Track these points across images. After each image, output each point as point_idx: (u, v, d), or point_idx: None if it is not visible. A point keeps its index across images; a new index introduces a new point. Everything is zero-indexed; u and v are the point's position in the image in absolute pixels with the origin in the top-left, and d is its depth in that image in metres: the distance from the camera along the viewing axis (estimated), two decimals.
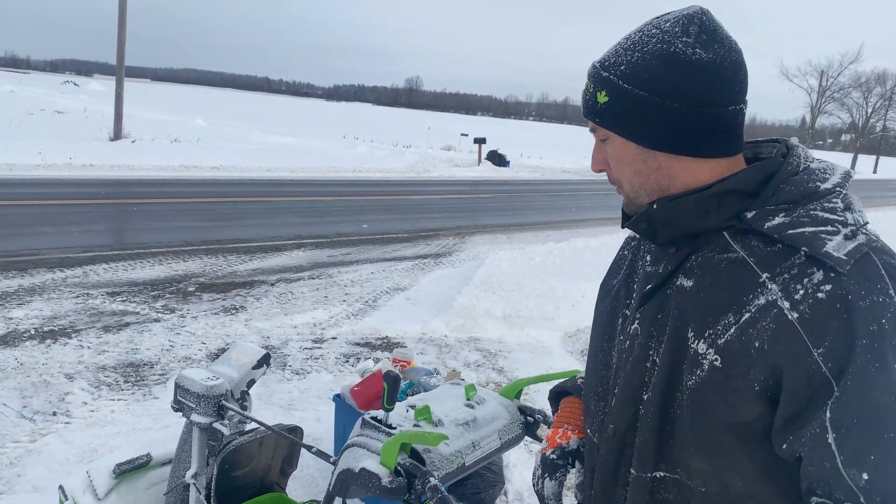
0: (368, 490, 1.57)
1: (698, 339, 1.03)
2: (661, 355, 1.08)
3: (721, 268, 1.04)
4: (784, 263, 0.98)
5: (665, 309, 1.10)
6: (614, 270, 1.31)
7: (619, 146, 1.10)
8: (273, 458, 2.51)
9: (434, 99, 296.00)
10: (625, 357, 1.15)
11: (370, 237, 10.26)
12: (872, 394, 0.90)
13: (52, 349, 4.92)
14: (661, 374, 1.08)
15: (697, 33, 1.03)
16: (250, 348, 2.45)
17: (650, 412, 1.09)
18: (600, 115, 1.09)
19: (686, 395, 1.04)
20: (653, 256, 1.17)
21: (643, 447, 1.11)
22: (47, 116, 25.92)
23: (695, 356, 1.03)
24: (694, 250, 1.09)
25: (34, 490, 3.24)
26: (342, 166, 20.10)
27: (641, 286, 1.17)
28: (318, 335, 5.73)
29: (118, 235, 9.13)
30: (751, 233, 1.03)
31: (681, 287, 1.08)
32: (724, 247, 1.05)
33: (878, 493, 0.91)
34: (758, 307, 0.98)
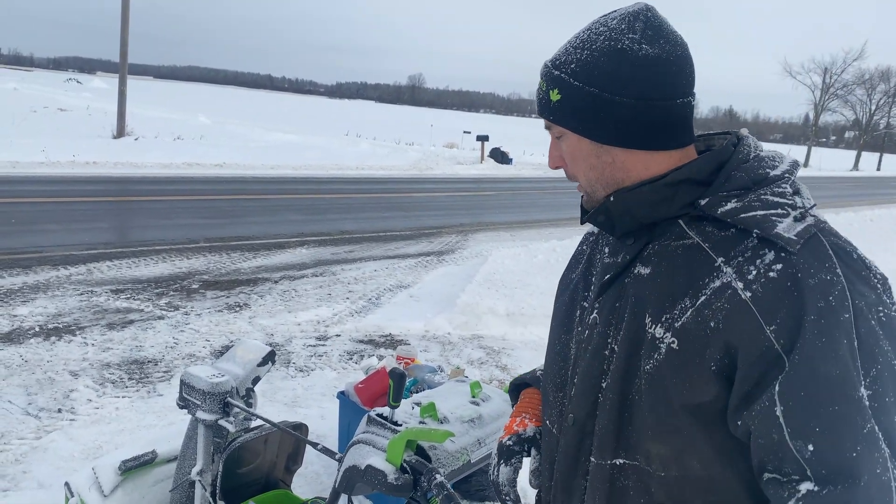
0: (374, 487, 1.57)
1: (655, 323, 1.05)
2: (619, 342, 1.10)
3: (677, 254, 1.07)
4: (738, 247, 1.01)
5: (623, 297, 1.12)
6: (573, 265, 1.33)
7: (573, 143, 1.13)
8: (278, 455, 2.52)
9: (437, 96, 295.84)
10: (584, 346, 1.17)
11: (373, 234, 10.26)
12: (819, 368, 0.93)
13: (57, 346, 4.93)
14: (619, 360, 1.10)
15: (643, 29, 1.06)
16: (255, 345, 2.46)
17: (609, 399, 1.11)
18: (553, 112, 1.12)
19: (644, 380, 1.06)
20: (611, 248, 1.20)
21: (603, 434, 1.12)
22: (50, 114, 25.96)
23: (652, 341, 1.05)
24: (651, 240, 1.11)
25: (39, 487, 3.25)
26: (345, 164, 20.11)
27: (600, 277, 1.19)
28: (321, 332, 5.74)
29: (122, 233, 9.14)
30: (705, 219, 1.07)
31: (638, 275, 1.11)
32: (680, 234, 1.08)
33: (822, 464, 0.94)
34: (713, 289, 1.01)
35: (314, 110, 68.15)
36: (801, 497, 0.94)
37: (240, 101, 69.70)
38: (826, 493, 0.93)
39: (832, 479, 0.93)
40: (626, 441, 1.10)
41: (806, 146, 61.10)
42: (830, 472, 0.93)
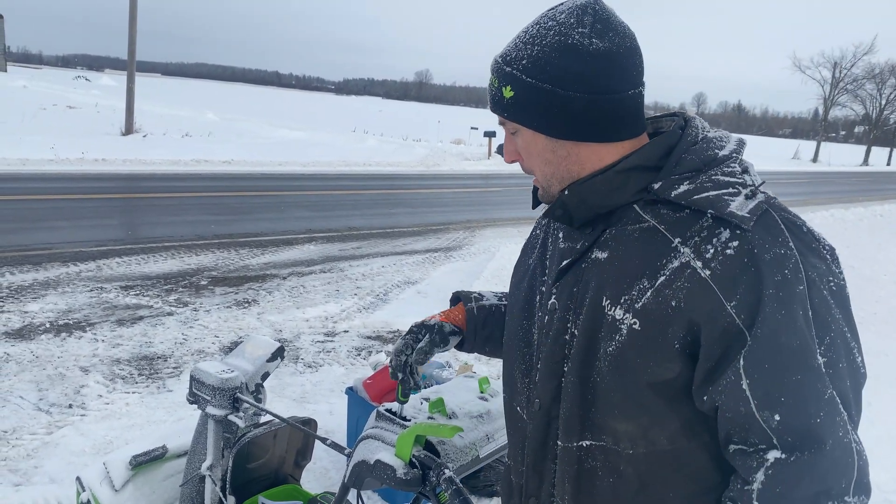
0: (383, 481, 1.58)
1: (615, 305, 1.08)
2: (578, 326, 1.12)
3: (633, 238, 1.09)
4: (693, 227, 1.04)
5: (581, 281, 1.14)
6: (528, 250, 1.35)
7: (528, 138, 1.14)
8: (287, 451, 2.53)
9: (444, 92, 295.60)
10: (545, 332, 1.19)
11: (380, 231, 10.28)
12: (780, 339, 0.96)
13: (67, 342, 4.97)
14: (579, 344, 1.12)
15: (592, 23, 1.07)
16: (264, 341, 2.47)
17: (572, 383, 1.14)
18: (507, 109, 1.13)
19: (606, 362, 1.09)
20: (565, 233, 1.21)
21: (568, 418, 1.15)
22: (59, 111, 26.07)
23: (612, 322, 1.08)
24: (608, 226, 1.13)
25: (51, 481, 3.28)
26: (352, 160, 20.12)
27: (556, 262, 1.21)
28: (329, 328, 5.75)
29: (131, 230, 9.18)
30: (659, 203, 1.09)
31: (595, 259, 1.13)
32: (636, 218, 1.10)
33: (788, 432, 0.97)
34: (672, 269, 1.03)
35: (321, 107, 68.20)
36: (770, 465, 0.97)
37: (247, 98, 69.83)
38: (794, 460, 0.96)
39: (799, 446, 0.97)
40: (590, 422, 1.13)
41: (815, 141, 60.75)
42: (796, 439, 0.97)
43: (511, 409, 1.32)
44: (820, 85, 57.08)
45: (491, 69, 1.15)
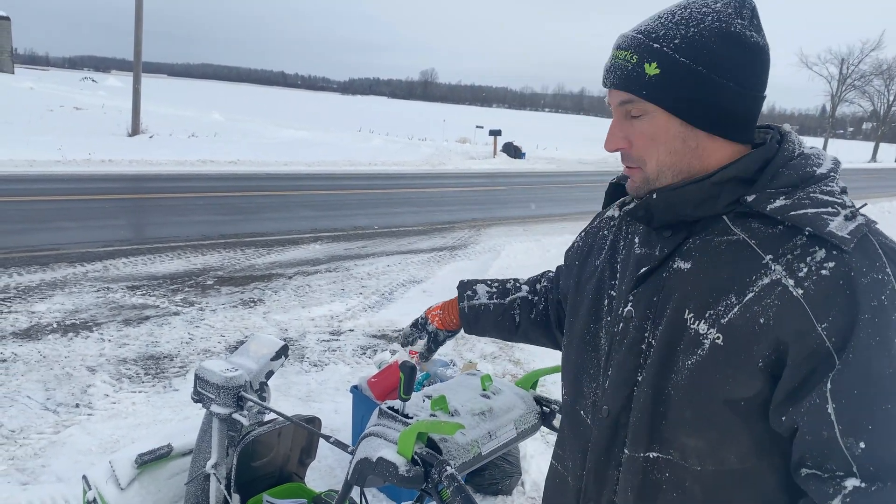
0: (386, 479, 1.58)
1: (698, 319, 1.05)
2: (657, 337, 1.09)
3: (721, 250, 1.06)
4: (786, 244, 1.01)
5: (662, 291, 1.11)
6: (594, 250, 1.31)
7: (659, 123, 1.06)
8: (292, 449, 2.54)
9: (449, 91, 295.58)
10: (618, 339, 1.16)
11: (386, 230, 10.29)
12: (873, 366, 0.93)
13: (74, 342, 4.99)
14: (656, 355, 1.09)
15: (750, 17, 1.04)
16: (268, 340, 2.48)
17: (645, 393, 1.11)
18: (647, 87, 1.04)
19: (682, 376, 1.06)
20: (642, 238, 1.18)
21: (637, 428, 1.12)
22: (66, 113, 26.17)
23: (695, 336, 1.05)
24: (691, 234, 1.10)
25: (58, 480, 3.30)
26: (357, 160, 20.14)
27: (633, 268, 1.17)
28: (335, 327, 5.77)
29: (137, 230, 9.22)
30: (750, 216, 1.05)
31: (678, 270, 1.10)
32: (724, 230, 1.07)
33: (872, 461, 0.94)
34: (762, 286, 1.00)
35: (327, 107, 68.28)
36: (848, 493, 0.94)
37: (253, 98, 69.97)
38: (875, 490, 0.93)
39: (881, 476, 0.93)
40: (659, 435, 1.10)
41: (823, 138, 60.47)
42: (879, 469, 0.94)
43: (574, 412, 1.28)
44: (827, 81, 56.85)
45: (623, 44, 1.07)
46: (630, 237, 1.22)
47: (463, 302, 1.67)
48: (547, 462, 3.74)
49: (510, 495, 3.46)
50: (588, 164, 28.08)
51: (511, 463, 3.52)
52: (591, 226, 1.39)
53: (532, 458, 3.69)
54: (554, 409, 1.97)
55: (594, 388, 1.22)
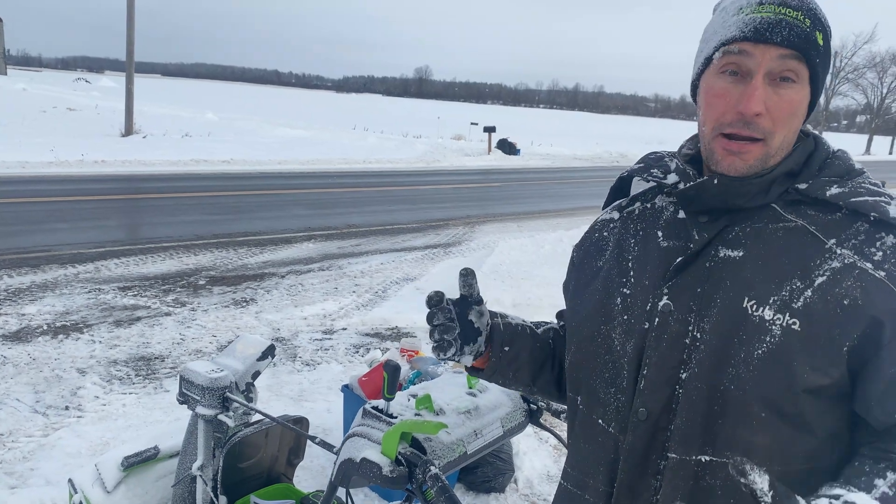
0: (370, 479, 1.56)
1: (762, 306, 1.02)
2: (707, 330, 1.05)
3: (777, 237, 1.05)
4: (848, 230, 1.03)
5: (709, 281, 1.06)
6: (593, 253, 1.27)
7: (802, 96, 1.05)
8: (279, 449, 2.52)
9: (444, 88, 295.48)
10: (655, 336, 1.09)
11: (380, 228, 10.26)
12: None
13: (65, 344, 4.96)
14: (708, 349, 1.04)
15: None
16: (255, 340, 2.45)
17: (695, 390, 1.04)
18: (818, 55, 1.04)
19: (748, 367, 1.01)
20: (667, 231, 1.16)
21: (686, 429, 1.05)
22: (59, 114, 26.07)
23: (760, 324, 1.01)
24: (733, 223, 1.09)
25: (47, 483, 3.27)
26: (352, 158, 20.10)
27: (660, 261, 1.13)
28: (328, 326, 5.74)
29: (130, 230, 9.18)
30: (803, 203, 1.07)
31: (726, 258, 1.07)
32: (776, 217, 1.07)
33: None
34: (833, 270, 1.01)
35: (321, 105, 68.17)
36: None
37: (247, 97, 69.80)
38: None
39: None
40: (713, 435, 1.03)
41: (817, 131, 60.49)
42: None
43: (589, 422, 1.19)
44: None
45: (793, 3, 1.03)
46: (645, 233, 1.19)
47: (496, 318, 1.37)
48: (539, 459, 3.73)
49: (503, 492, 3.45)
50: (583, 160, 28.07)
51: (504, 460, 3.50)
52: (584, 237, 1.35)
53: (525, 454, 3.68)
54: (541, 407, 1.96)
55: (614, 393, 1.15)
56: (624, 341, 1.14)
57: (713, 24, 1.09)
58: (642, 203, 1.26)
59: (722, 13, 1.07)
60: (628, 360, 1.12)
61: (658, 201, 1.23)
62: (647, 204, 1.25)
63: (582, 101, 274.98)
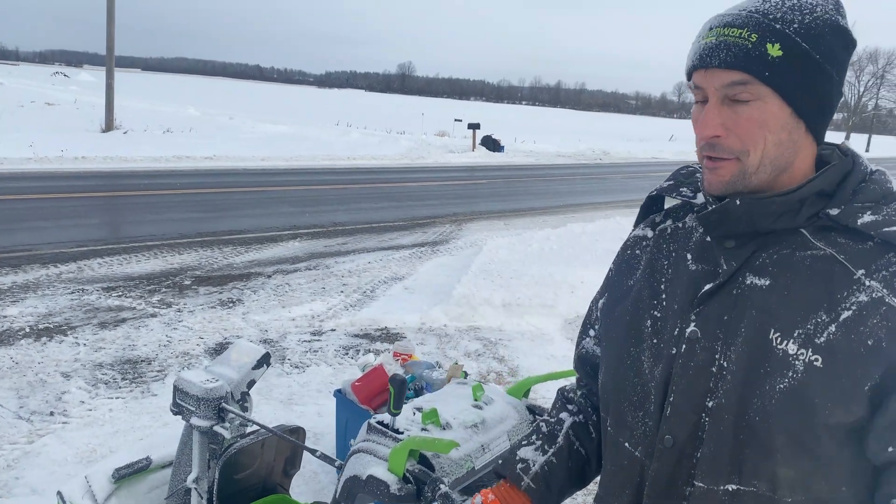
0: (376, 497, 1.53)
1: (786, 339, 0.99)
2: (733, 359, 1.02)
3: (805, 265, 1.01)
4: (879, 260, 0.98)
5: (735, 309, 1.03)
6: (624, 270, 1.23)
7: (772, 109, 1.00)
8: (275, 460, 2.46)
9: (426, 84, 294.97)
10: (681, 363, 1.06)
11: (366, 226, 10.19)
12: None
13: (48, 347, 4.86)
14: (735, 379, 1.01)
15: (845, 15, 1.04)
16: (250, 347, 2.40)
17: (721, 420, 1.02)
18: (769, 68, 0.98)
19: (772, 400, 0.99)
20: (696, 253, 1.11)
21: (713, 459, 1.03)
22: (38, 109, 25.68)
23: (784, 358, 0.98)
24: (761, 248, 1.04)
25: (32, 493, 3.19)
26: (336, 154, 19.97)
27: (689, 286, 1.09)
28: (316, 328, 5.68)
29: (112, 229, 9.04)
30: (833, 230, 1.02)
31: (752, 286, 1.03)
32: (805, 244, 1.02)
33: None
34: (860, 304, 0.96)
35: (304, 100, 67.75)
36: None
37: (229, 93, 69.19)
38: None
39: None
40: (740, 465, 1.02)
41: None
42: None
43: (616, 444, 1.17)
44: None
45: (736, 22, 1.00)
46: (677, 254, 1.15)
47: (523, 479, 1.28)
48: None
49: None
50: (566, 157, 28.13)
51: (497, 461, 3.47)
52: (619, 252, 1.29)
53: None
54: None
55: (641, 417, 1.12)
56: (652, 366, 1.11)
57: (693, 43, 1.08)
58: (673, 221, 1.21)
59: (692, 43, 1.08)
60: (655, 386, 1.09)
61: (689, 220, 1.18)
62: (678, 222, 1.20)
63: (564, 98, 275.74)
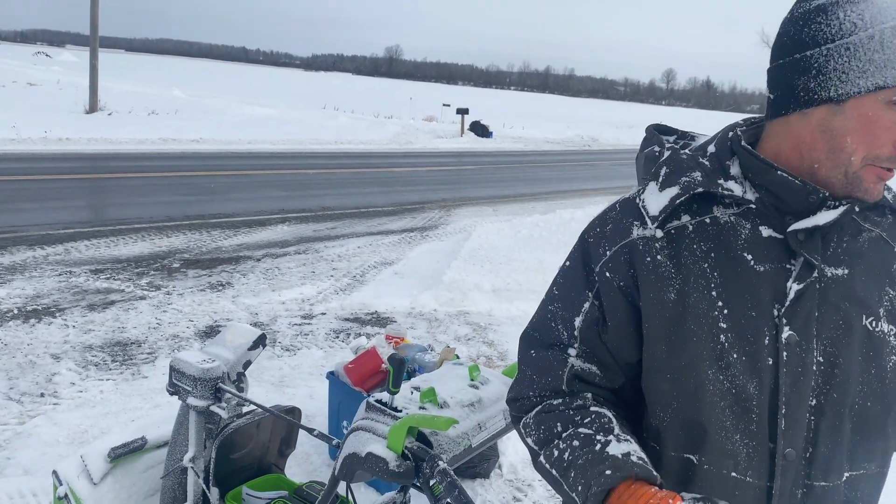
0: (375, 473, 1.55)
1: (878, 320, 1.05)
2: (834, 353, 1.03)
3: (866, 249, 1.07)
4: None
5: (825, 304, 1.03)
6: (656, 282, 1.05)
7: None
8: (271, 440, 2.49)
9: (414, 68, 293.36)
10: (787, 371, 1.01)
11: (355, 211, 10.18)
12: None
13: (37, 329, 4.84)
14: (843, 373, 1.03)
15: None
16: (245, 329, 2.41)
17: (834, 415, 1.03)
18: None
19: (882, 382, 1.05)
20: (757, 253, 1.04)
21: (831, 456, 1.03)
22: (20, 89, 25.31)
23: (883, 339, 1.05)
24: (825, 238, 1.05)
25: (25, 473, 3.20)
26: (323, 138, 19.87)
27: (766, 288, 1.02)
28: (306, 311, 5.69)
29: (99, 211, 8.97)
30: (869, 209, 1.08)
31: (834, 277, 1.04)
32: (857, 228, 1.08)
33: None
34: None
35: (290, 83, 67.18)
36: None
37: (214, 75, 68.47)
38: None
39: None
40: (853, 454, 1.05)
41: None
42: None
43: (720, 476, 1.05)
44: None
45: None
46: (720, 256, 1.05)
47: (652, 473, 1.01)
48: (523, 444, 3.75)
49: (488, 478, 3.46)
50: (554, 143, 28.16)
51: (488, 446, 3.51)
52: (622, 260, 1.09)
53: (509, 440, 3.69)
54: None
55: (740, 440, 1.03)
56: (744, 383, 1.02)
57: (885, 48, 0.96)
58: (692, 217, 1.07)
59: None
60: (757, 403, 1.02)
61: (719, 215, 1.07)
62: (702, 218, 1.07)
63: (553, 84, 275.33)
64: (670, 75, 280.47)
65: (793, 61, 1.01)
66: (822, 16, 0.99)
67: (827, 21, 0.98)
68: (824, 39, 0.98)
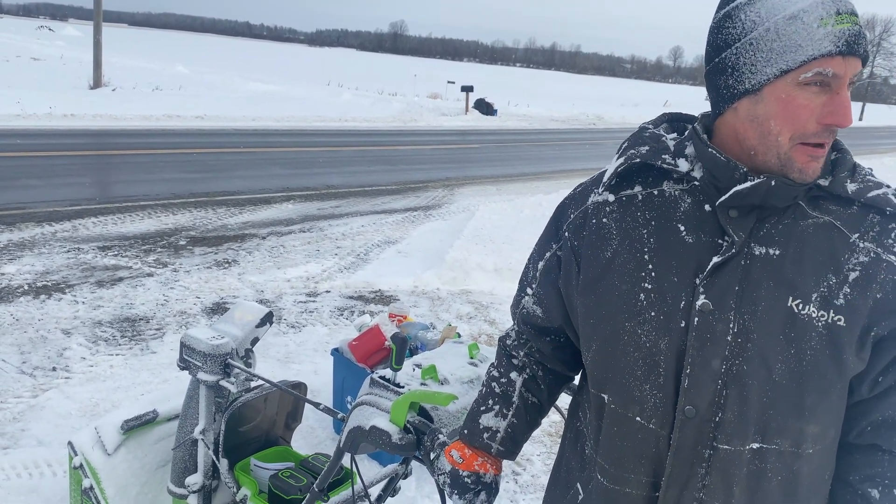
0: (378, 446, 1.63)
1: (806, 304, 1.07)
2: (752, 328, 1.08)
3: (808, 233, 1.10)
4: (864, 223, 1.10)
5: (747, 280, 1.09)
6: (596, 242, 1.20)
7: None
8: (278, 413, 2.58)
9: (419, 44, 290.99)
10: (696, 335, 1.09)
11: (359, 189, 10.23)
12: None
13: (47, 305, 4.93)
14: (757, 346, 1.08)
15: None
16: (253, 307, 2.49)
17: (744, 385, 1.08)
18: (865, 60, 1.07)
19: (800, 363, 1.07)
20: (690, 225, 1.13)
21: (737, 422, 1.09)
22: (23, 64, 25.27)
23: (808, 322, 1.07)
24: (761, 219, 1.11)
25: (39, 444, 3.30)
26: (327, 115, 19.86)
27: (689, 258, 1.12)
28: (311, 289, 5.78)
29: (105, 188, 9.04)
30: (823, 199, 1.12)
31: (763, 256, 1.09)
32: (803, 214, 1.11)
33: None
34: (863, 265, 1.08)
35: (294, 58, 66.82)
36: None
37: (218, 50, 68.11)
38: None
39: None
40: (764, 426, 1.09)
41: None
42: None
43: (624, 417, 1.17)
44: None
45: (854, 10, 1.05)
46: (659, 223, 1.16)
47: (492, 447, 1.39)
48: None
49: None
50: (559, 121, 28.06)
51: None
52: (577, 221, 1.26)
53: None
54: None
55: (649, 390, 1.14)
56: (656, 339, 1.13)
57: (788, 34, 1.02)
58: (644, 187, 1.19)
59: (794, 22, 1.02)
60: (665, 359, 1.12)
61: (666, 189, 1.17)
62: (651, 190, 1.19)
63: (559, 61, 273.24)
64: (677, 53, 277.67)
65: (714, 66, 1.12)
66: (728, 21, 1.10)
67: (732, 24, 1.09)
68: (733, 40, 1.09)
